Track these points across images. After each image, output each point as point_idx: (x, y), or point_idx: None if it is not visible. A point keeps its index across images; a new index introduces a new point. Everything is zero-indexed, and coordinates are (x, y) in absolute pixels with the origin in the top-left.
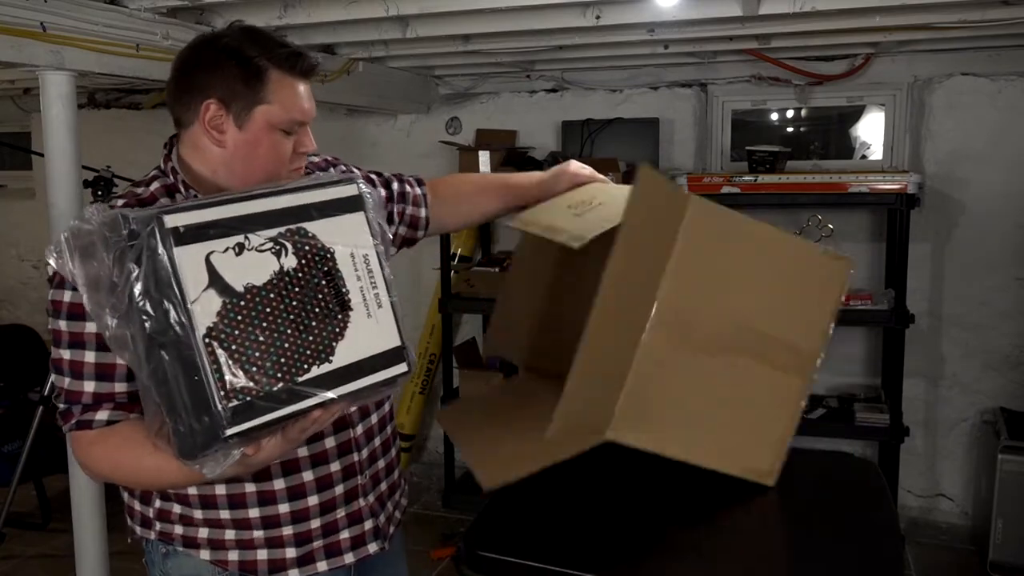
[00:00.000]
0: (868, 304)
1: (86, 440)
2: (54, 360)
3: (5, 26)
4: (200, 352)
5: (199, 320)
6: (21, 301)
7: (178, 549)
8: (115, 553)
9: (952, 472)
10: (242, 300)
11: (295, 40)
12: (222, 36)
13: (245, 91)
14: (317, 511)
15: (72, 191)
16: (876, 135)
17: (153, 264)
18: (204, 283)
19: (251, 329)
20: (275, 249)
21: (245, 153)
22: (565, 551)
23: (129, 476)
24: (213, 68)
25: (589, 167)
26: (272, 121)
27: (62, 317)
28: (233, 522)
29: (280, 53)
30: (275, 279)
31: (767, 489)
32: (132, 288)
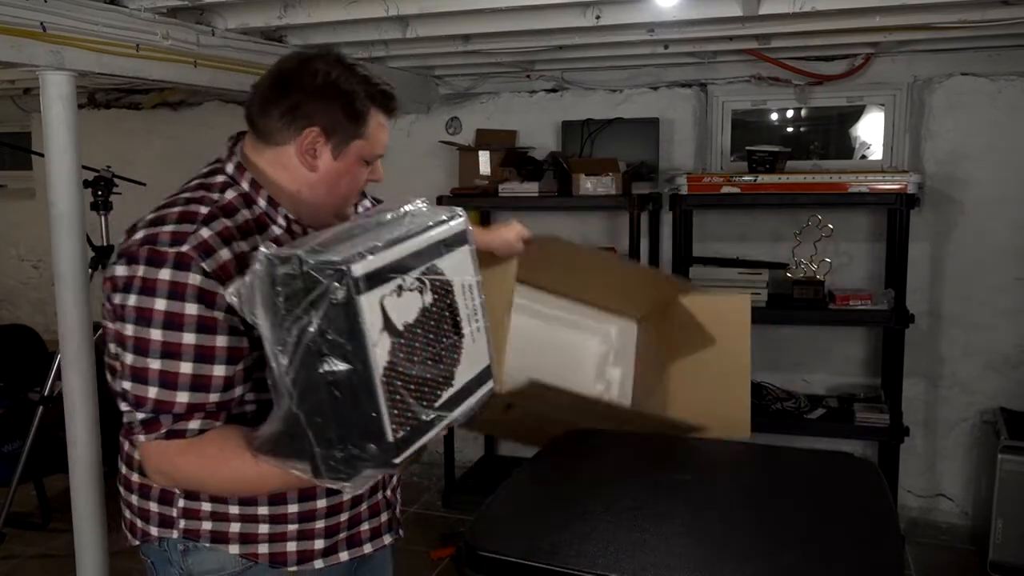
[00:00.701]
0: (868, 304)
1: (175, 449)
2: (136, 368)
3: (5, 26)
4: (378, 390)
5: (378, 361)
6: (21, 301)
7: (203, 545)
8: (115, 553)
9: (952, 472)
10: (402, 338)
11: (295, 40)
12: (327, 67)
13: (348, 127)
14: (348, 505)
15: (72, 191)
16: (876, 135)
17: (338, 311)
18: (380, 326)
19: (408, 364)
20: (420, 288)
21: (333, 179)
22: (565, 551)
23: (224, 483)
24: (321, 99)
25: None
26: (363, 154)
27: (155, 326)
28: (270, 517)
29: (378, 93)
30: (420, 316)
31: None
32: (307, 329)
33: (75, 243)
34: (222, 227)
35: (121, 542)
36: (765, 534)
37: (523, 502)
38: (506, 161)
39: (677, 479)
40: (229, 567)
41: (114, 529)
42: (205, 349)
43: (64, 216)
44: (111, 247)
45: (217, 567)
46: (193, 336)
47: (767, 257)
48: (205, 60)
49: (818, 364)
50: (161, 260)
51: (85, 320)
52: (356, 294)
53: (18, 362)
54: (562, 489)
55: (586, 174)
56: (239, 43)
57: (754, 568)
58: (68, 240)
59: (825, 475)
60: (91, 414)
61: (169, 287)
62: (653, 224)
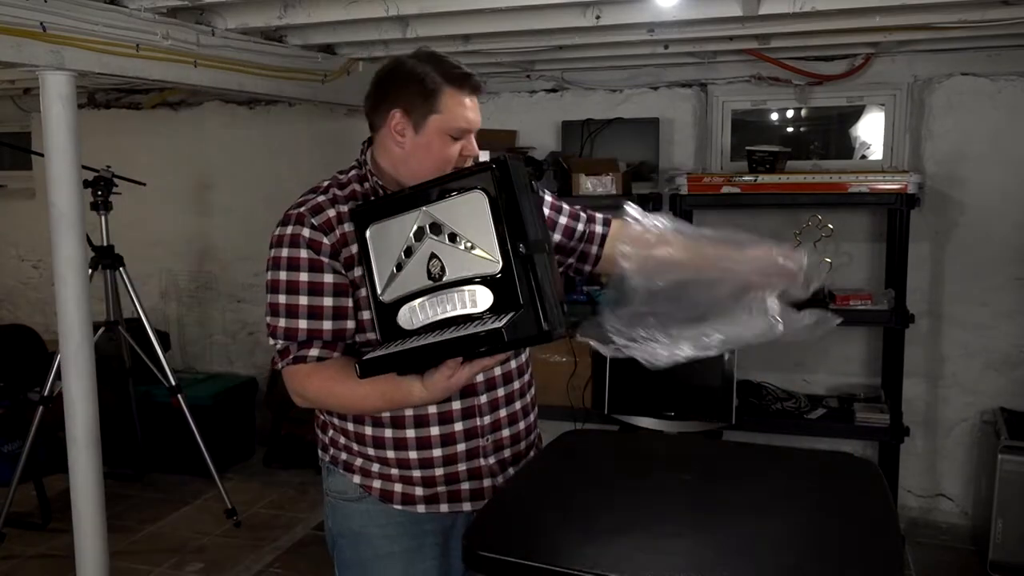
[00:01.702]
0: (868, 304)
1: (303, 373)
2: (270, 304)
3: (5, 26)
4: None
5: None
6: (21, 301)
7: (338, 470)
8: (115, 553)
9: (952, 472)
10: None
11: (295, 40)
12: (410, 59)
13: (423, 104)
14: (441, 461)
15: (72, 191)
16: (876, 135)
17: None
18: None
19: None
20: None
21: (420, 154)
22: (565, 551)
23: (340, 401)
24: (400, 85)
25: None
26: (443, 128)
27: (281, 268)
28: (376, 459)
29: (452, 73)
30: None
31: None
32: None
33: (75, 243)
34: (332, 194)
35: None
36: (765, 534)
37: (523, 502)
38: None
39: (677, 479)
40: (350, 492)
41: (114, 529)
42: (316, 284)
43: (64, 216)
44: (111, 247)
45: (342, 489)
46: (307, 275)
47: None
48: (205, 60)
49: (818, 364)
50: (287, 220)
51: (85, 320)
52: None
53: (18, 362)
54: (562, 489)
55: (586, 174)
56: (239, 43)
57: (754, 568)
58: (68, 240)
59: (825, 475)
60: (91, 414)
61: (290, 238)
62: None
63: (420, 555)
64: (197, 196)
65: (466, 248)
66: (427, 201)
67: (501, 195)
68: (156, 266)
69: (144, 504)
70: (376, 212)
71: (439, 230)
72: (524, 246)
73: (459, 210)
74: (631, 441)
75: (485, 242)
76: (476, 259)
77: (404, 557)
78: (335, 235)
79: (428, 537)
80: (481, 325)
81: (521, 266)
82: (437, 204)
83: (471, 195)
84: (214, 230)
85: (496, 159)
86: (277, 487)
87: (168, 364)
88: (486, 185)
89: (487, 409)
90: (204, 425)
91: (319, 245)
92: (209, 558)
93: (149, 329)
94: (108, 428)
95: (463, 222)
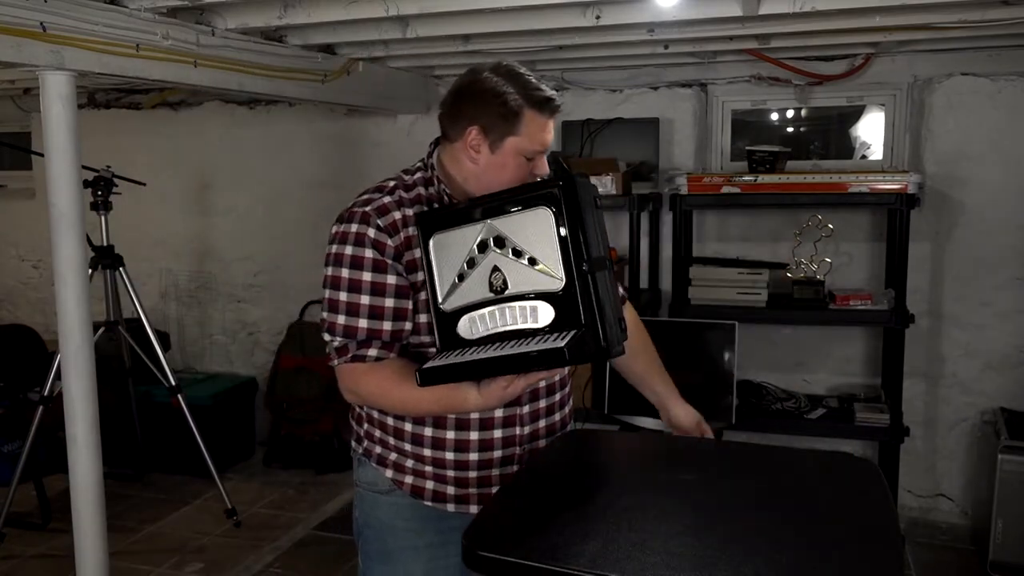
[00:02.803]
0: (868, 304)
1: (360, 371)
2: (331, 300)
3: (5, 26)
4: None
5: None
6: (21, 301)
7: (371, 463)
8: (115, 553)
9: (952, 472)
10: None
11: (295, 40)
12: (492, 76)
13: (503, 125)
14: (475, 465)
15: (72, 191)
16: (876, 135)
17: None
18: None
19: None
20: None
21: (494, 171)
22: (565, 551)
23: (393, 402)
24: (481, 102)
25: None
26: (519, 149)
27: (344, 265)
28: (412, 455)
29: (535, 96)
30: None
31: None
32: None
33: (75, 243)
34: (399, 196)
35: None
36: (765, 534)
37: (523, 502)
38: None
39: (677, 479)
40: (381, 484)
41: (114, 529)
42: (378, 285)
43: (64, 216)
44: (111, 247)
45: (372, 481)
46: (370, 275)
47: (767, 257)
48: (205, 60)
49: (818, 364)
50: (352, 217)
51: (85, 320)
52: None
53: (18, 362)
54: (562, 489)
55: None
56: (239, 43)
57: (754, 568)
58: (68, 240)
59: (825, 475)
60: (91, 414)
61: (355, 236)
62: (653, 224)
63: (444, 551)
64: (197, 196)
65: (529, 263)
66: (492, 214)
67: (567, 212)
68: (156, 266)
69: (144, 504)
70: (440, 221)
71: (503, 244)
72: (587, 264)
73: (524, 225)
74: (631, 441)
75: (549, 258)
76: (539, 275)
77: (428, 552)
78: (399, 238)
79: (453, 534)
80: (542, 342)
81: (583, 285)
82: (502, 218)
83: (537, 211)
84: (214, 230)
85: (564, 176)
86: (277, 487)
87: (168, 364)
88: (553, 202)
89: (528, 419)
90: (204, 425)
91: (384, 246)
92: (209, 558)
93: (149, 329)
94: (108, 428)
95: (528, 237)
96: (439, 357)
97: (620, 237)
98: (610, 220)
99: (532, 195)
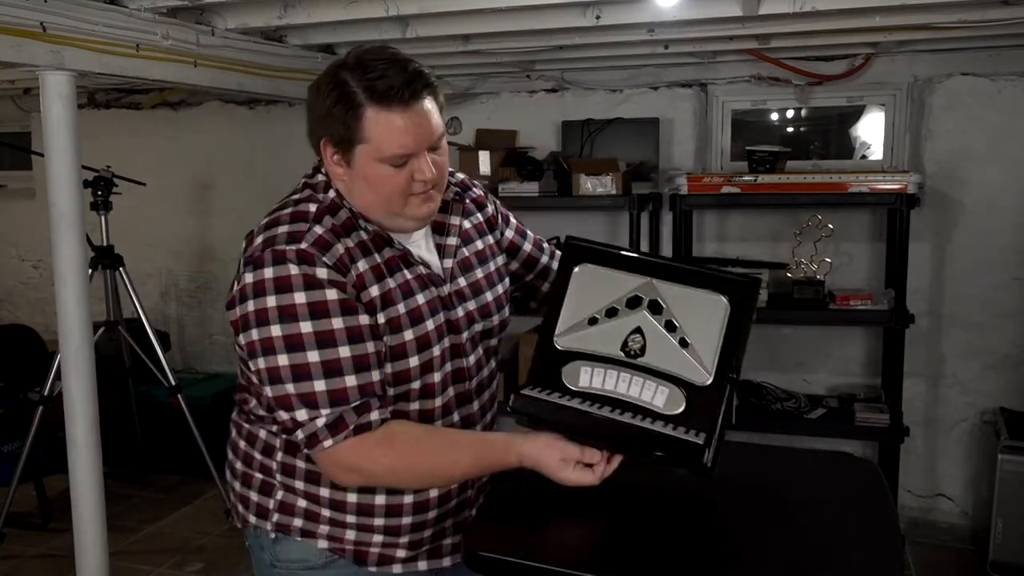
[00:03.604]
0: (868, 304)
1: (368, 445)
2: (295, 367)
3: (5, 26)
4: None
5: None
6: (21, 301)
7: (293, 538)
8: (115, 553)
9: (952, 472)
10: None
11: (295, 40)
12: (341, 70)
13: (345, 132)
14: (433, 521)
15: (72, 191)
16: (876, 135)
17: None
18: None
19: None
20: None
21: (360, 187)
22: (565, 551)
23: (420, 473)
24: (321, 110)
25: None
26: (376, 157)
27: (303, 319)
28: (357, 525)
29: (376, 87)
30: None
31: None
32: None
33: (75, 243)
34: (330, 224)
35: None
36: (765, 534)
37: (523, 502)
38: (506, 161)
39: (677, 479)
40: (313, 559)
41: (114, 529)
42: (354, 329)
43: (64, 216)
44: (111, 247)
45: (300, 558)
46: (340, 320)
47: (767, 257)
48: (205, 60)
49: (818, 364)
50: (282, 258)
51: (85, 320)
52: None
53: (18, 362)
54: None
55: (586, 174)
56: (239, 43)
57: (754, 568)
58: (68, 240)
59: (825, 475)
60: (91, 414)
61: (303, 280)
62: (653, 224)
63: None
64: (197, 196)
65: (680, 343)
66: (659, 274)
67: (742, 313)
68: (156, 266)
69: (144, 504)
70: (593, 254)
71: (659, 310)
72: (735, 373)
73: (691, 304)
74: None
75: (704, 349)
76: (686, 360)
77: None
78: (352, 276)
79: None
80: (671, 429)
81: (729, 392)
82: (670, 284)
83: (713, 296)
84: (214, 230)
85: (752, 277)
86: None
87: (168, 364)
88: (735, 293)
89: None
90: (204, 425)
91: (344, 285)
92: (209, 558)
93: (149, 329)
94: (108, 428)
95: (690, 317)
96: (534, 389)
97: (620, 237)
98: (610, 220)
99: (714, 278)
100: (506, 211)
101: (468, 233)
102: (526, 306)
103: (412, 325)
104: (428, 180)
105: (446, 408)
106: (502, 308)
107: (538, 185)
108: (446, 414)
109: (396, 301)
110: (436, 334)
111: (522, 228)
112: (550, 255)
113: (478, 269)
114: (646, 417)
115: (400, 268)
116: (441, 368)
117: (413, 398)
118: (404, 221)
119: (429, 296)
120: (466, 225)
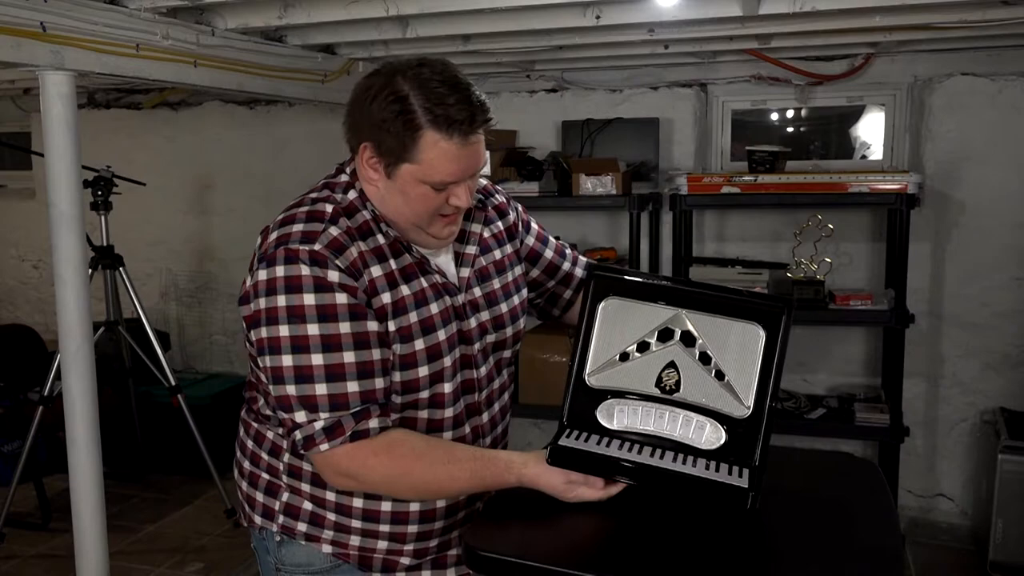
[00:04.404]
0: (868, 304)
1: (366, 452)
2: (298, 368)
3: (5, 26)
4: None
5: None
6: (21, 301)
7: (298, 542)
8: (115, 553)
9: (952, 472)
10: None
11: (295, 40)
12: (400, 79)
13: (397, 147)
14: (439, 532)
15: (72, 191)
16: (876, 135)
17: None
18: None
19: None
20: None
21: (396, 199)
22: (565, 551)
23: (414, 483)
24: (371, 113)
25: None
26: (420, 179)
27: (310, 320)
28: (362, 531)
29: (440, 115)
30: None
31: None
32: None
33: (75, 243)
34: (346, 226)
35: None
36: (765, 534)
37: (523, 502)
38: (506, 161)
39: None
40: (317, 563)
41: (114, 529)
42: (361, 335)
43: (64, 216)
44: (111, 247)
45: (304, 562)
46: (348, 324)
47: (767, 257)
48: (205, 60)
49: (818, 364)
50: (294, 258)
51: (85, 320)
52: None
53: (18, 362)
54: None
55: (586, 174)
56: (239, 43)
57: (754, 568)
58: (68, 240)
59: (825, 475)
60: (91, 414)
61: (314, 281)
62: (653, 224)
63: None
64: (197, 196)
65: (716, 376)
66: (689, 305)
67: (779, 340)
68: (156, 266)
69: (144, 504)
70: (620, 286)
71: (692, 342)
72: (775, 401)
73: (725, 334)
74: None
75: (741, 381)
76: (723, 393)
77: None
78: (364, 281)
79: None
80: (714, 472)
81: (769, 423)
82: (702, 315)
83: (748, 326)
84: (214, 230)
85: (786, 300)
86: None
87: (168, 364)
88: (771, 323)
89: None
90: (204, 425)
91: (354, 290)
92: (209, 558)
93: (149, 329)
94: (108, 428)
95: (725, 348)
96: (569, 437)
97: (620, 237)
98: (610, 220)
99: (747, 306)
100: (528, 217)
101: (487, 242)
102: (549, 313)
103: (423, 335)
104: (462, 207)
105: (456, 419)
106: (516, 320)
107: (538, 185)
108: (456, 425)
109: (408, 310)
110: (447, 344)
111: (544, 234)
112: (572, 261)
113: (495, 279)
114: (687, 456)
115: (416, 275)
116: (452, 379)
117: (422, 407)
118: (426, 238)
119: (443, 306)
120: (486, 234)
